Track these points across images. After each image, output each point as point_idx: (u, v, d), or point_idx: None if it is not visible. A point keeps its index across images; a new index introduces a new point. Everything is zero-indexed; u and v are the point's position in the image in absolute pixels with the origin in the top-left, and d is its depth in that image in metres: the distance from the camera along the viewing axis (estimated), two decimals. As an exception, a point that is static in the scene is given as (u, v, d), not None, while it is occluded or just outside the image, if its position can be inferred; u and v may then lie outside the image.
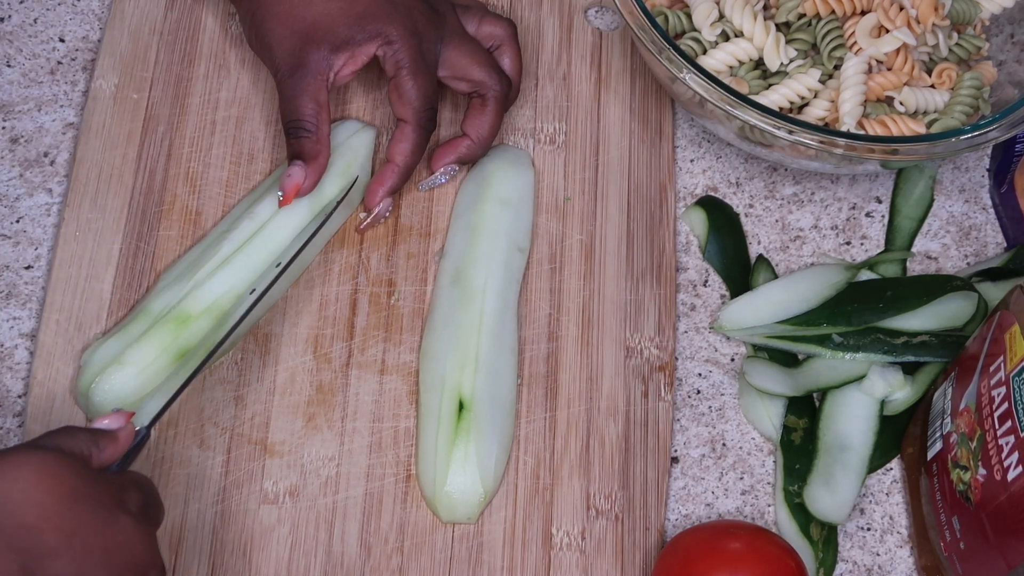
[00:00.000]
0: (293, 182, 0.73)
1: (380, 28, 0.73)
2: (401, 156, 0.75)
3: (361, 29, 0.73)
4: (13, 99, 0.82)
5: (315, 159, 0.73)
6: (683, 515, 0.74)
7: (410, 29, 0.74)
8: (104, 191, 0.78)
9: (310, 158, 0.73)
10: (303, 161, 0.73)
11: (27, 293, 0.77)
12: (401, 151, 0.75)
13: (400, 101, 0.74)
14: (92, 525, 0.54)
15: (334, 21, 0.73)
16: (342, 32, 0.73)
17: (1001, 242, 0.83)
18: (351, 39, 0.73)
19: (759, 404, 0.75)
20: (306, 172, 0.73)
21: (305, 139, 0.73)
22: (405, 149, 0.75)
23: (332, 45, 0.73)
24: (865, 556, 0.73)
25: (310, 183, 0.73)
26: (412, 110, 0.74)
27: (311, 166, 0.73)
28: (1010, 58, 0.81)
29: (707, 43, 0.78)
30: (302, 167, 0.73)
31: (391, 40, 0.73)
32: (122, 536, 0.55)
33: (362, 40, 0.73)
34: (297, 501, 0.71)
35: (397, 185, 0.76)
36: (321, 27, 0.73)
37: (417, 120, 0.75)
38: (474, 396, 0.72)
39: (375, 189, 0.76)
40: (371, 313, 0.76)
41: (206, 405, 0.73)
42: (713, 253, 0.80)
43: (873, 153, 0.72)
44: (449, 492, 0.70)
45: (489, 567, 0.70)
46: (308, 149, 0.73)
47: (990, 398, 0.64)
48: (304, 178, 0.73)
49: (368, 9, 0.73)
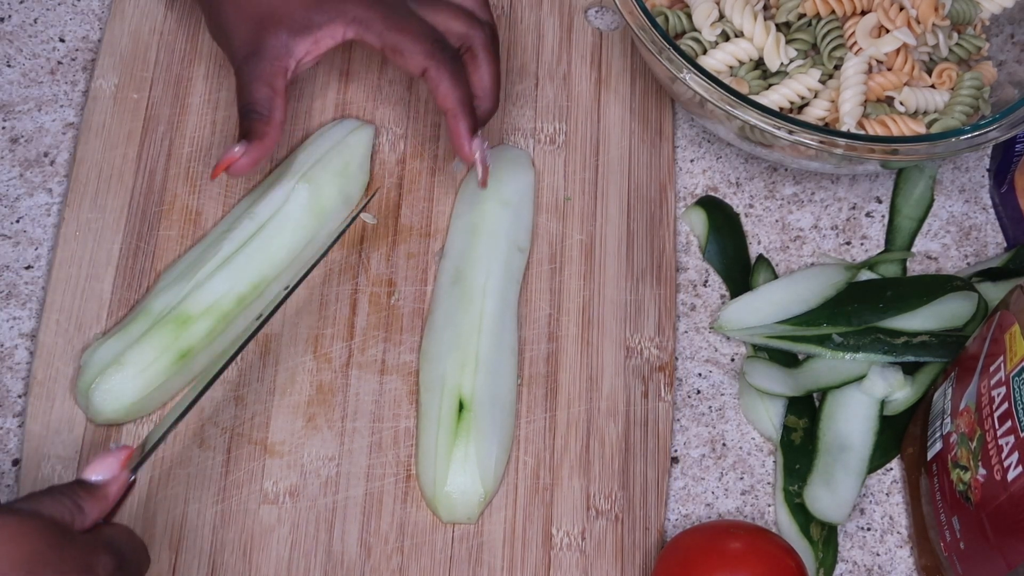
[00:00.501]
0: (229, 156, 0.70)
1: (339, 7, 0.71)
2: (450, 98, 0.72)
3: (319, 10, 0.71)
4: (13, 99, 0.82)
5: (260, 139, 0.71)
6: (683, 515, 0.74)
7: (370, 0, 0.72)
8: (104, 191, 0.79)
9: (256, 137, 0.70)
10: (248, 140, 0.70)
11: (27, 293, 0.77)
12: (446, 93, 0.72)
13: (404, 57, 0.72)
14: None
15: (290, 5, 0.71)
16: (299, 16, 0.71)
17: (1001, 242, 0.83)
18: (310, 22, 0.71)
19: (759, 404, 0.75)
20: (246, 150, 0.70)
21: (255, 120, 0.71)
22: (446, 89, 0.72)
23: (290, 30, 0.71)
24: (865, 556, 0.73)
25: (247, 161, 0.70)
26: (422, 53, 0.71)
27: (255, 144, 0.70)
28: (1010, 58, 0.81)
29: (707, 43, 0.78)
30: (243, 145, 0.70)
31: (356, 18, 0.71)
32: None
33: (322, 22, 0.71)
34: (297, 501, 0.71)
35: (471, 123, 0.73)
36: (278, 12, 0.71)
37: (435, 57, 0.71)
38: (474, 396, 0.72)
39: (460, 144, 0.73)
40: (371, 313, 0.76)
41: (206, 405, 0.73)
42: (713, 253, 0.80)
43: (873, 153, 0.72)
44: (449, 492, 0.70)
45: (489, 567, 0.70)
46: (256, 129, 0.70)
47: (990, 398, 0.64)
48: (242, 155, 0.70)
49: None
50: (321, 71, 0.83)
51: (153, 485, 0.71)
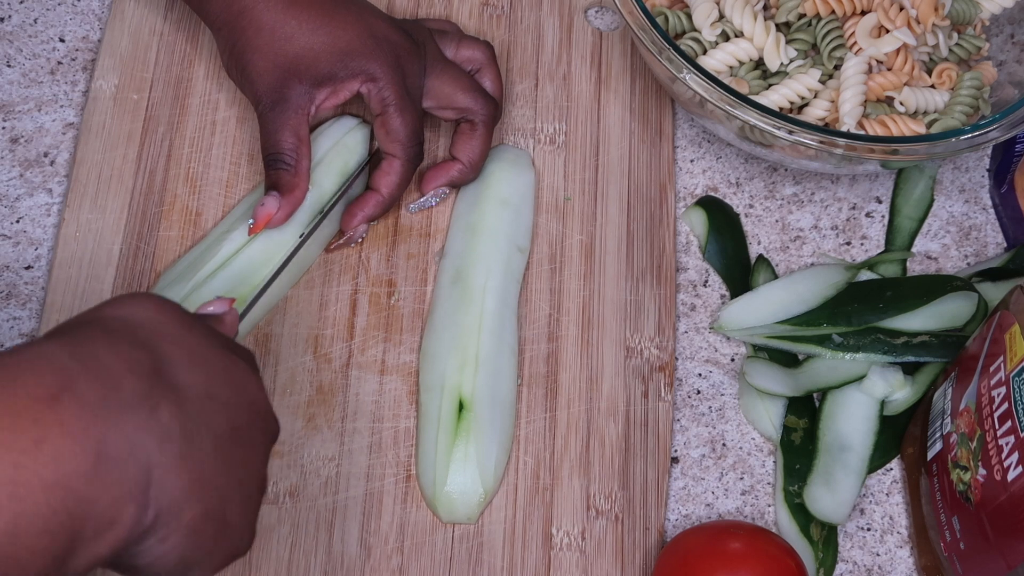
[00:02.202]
0: (266, 211, 0.72)
1: (363, 65, 0.73)
2: (387, 188, 0.75)
3: (344, 66, 0.73)
4: (13, 99, 0.82)
5: (291, 192, 0.73)
6: (683, 515, 0.74)
7: (393, 65, 0.73)
8: (104, 191, 0.79)
9: (287, 190, 0.73)
10: (279, 192, 0.73)
11: (27, 293, 0.77)
12: (387, 183, 0.75)
13: (388, 138, 0.74)
14: (212, 351, 0.53)
15: (316, 56, 0.72)
16: (324, 68, 0.72)
17: (1001, 242, 0.83)
18: (333, 75, 0.73)
19: (759, 404, 0.75)
20: (280, 203, 0.72)
21: (283, 171, 0.73)
22: (392, 182, 0.75)
23: (313, 80, 0.73)
24: (865, 556, 0.73)
25: (283, 215, 0.73)
26: (400, 146, 0.74)
27: (287, 198, 0.73)
28: (1010, 58, 0.81)
29: (707, 43, 0.78)
30: (277, 198, 0.72)
31: (375, 77, 0.73)
32: (239, 373, 0.54)
33: (344, 77, 0.73)
34: (297, 501, 0.71)
35: (377, 214, 0.76)
36: (303, 62, 0.72)
37: (406, 155, 0.75)
38: (474, 396, 0.72)
39: (354, 212, 0.76)
40: (371, 313, 0.76)
41: (206, 405, 0.73)
42: (713, 253, 0.80)
43: (873, 153, 0.72)
44: (449, 492, 0.70)
45: (489, 567, 0.70)
46: (286, 181, 0.73)
47: (990, 398, 0.64)
48: (277, 209, 0.72)
49: (351, 45, 0.73)
50: (321, 71, 0.83)
51: (153, 485, 0.71)
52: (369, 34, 0.73)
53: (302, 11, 0.73)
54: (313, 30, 0.73)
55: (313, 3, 0.73)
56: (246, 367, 0.55)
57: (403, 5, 0.86)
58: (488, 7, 0.86)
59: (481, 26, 0.85)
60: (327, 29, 0.73)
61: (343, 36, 0.73)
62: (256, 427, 0.54)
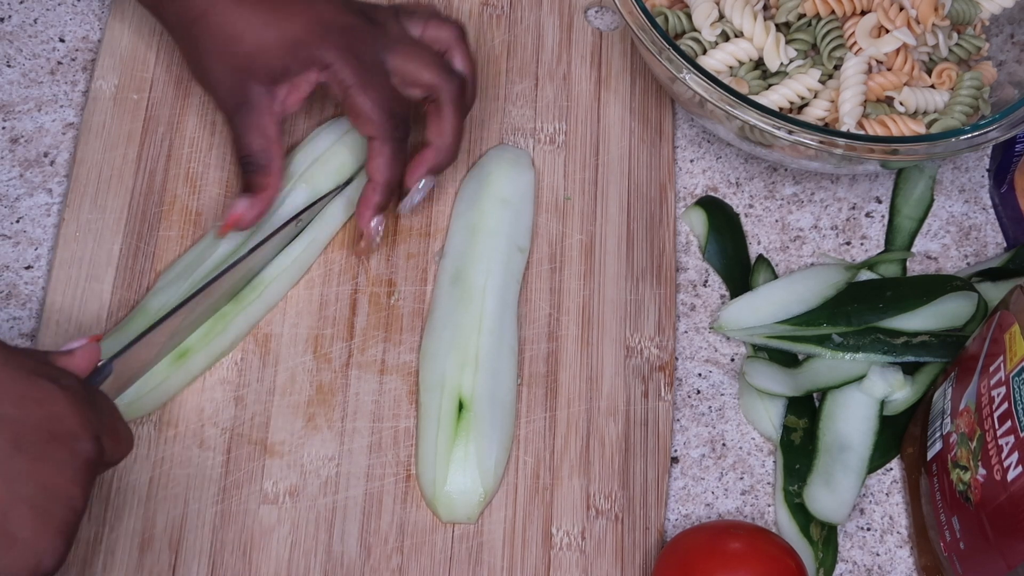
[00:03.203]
0: (234, 212, 0.72)
1: (313, 53, 0.71)
2: (379, 172, 0.74)
3: (295, 58, 0.71)
4: (13, 99, 0.82)
5: (263, 191, 0.72)
6: (683, 515, 0.74)
7: (345, 48, 0.72)
8: (104, 191, 0.78)
9: (258, 190, 0.72)
10: (251, 193, 0.72)
11: (27, 293, 0.77)
12: (378, 167, 0.74)
13: (359, 120, 0.73)
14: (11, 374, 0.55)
15: (268, 53, 0.72)
16: (277, 64, 0.72)
17: (1001, 242, 0.83)
18: (287, 69, 0.72)
19: (759, 404, 0.75)
20: (250, 204, 0.72)
21: (255, 173, 0.72)
22: (381, 164, 0.73)
23: (269, 78, 0.72)
24: (865, 556, 0.73)
25: (252, 215, 0.72)
26: (374, 124, 0.73)
27: (256, 198, 0.72)
28: (1010, 58, 0.81)
29: (707, 43, 0.78)
30: (247, 199, 0.72)
31: (328, 63, 0.71)
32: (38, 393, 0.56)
33: (298, 69, 0.72)
34: (297, 501, 0.71)
35: (383, 202, 0.75)
36: (256, 61, 0.72)
37: (384, 133, 0.73)
38: (474, 396, 0.72)
39: (362, 212, 0.74)
40: (371, 313, 0.76)
41: (206, 405, 0.73)
42: (713, 253, 0.80)
43: (873, 153, 0.72)
44: (449, 492, 0.70)
45: (489, 567, 0.70)
46: (256, 182, 0.72)
47: (990, 398, 0.64)
48: (247, 209, 0.72)
49: (299, 36, 0.72)
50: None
51: (153, 485, 0.71)
52: (317, 21, 0.72)
53: (249, 9, 0.72)
54: (263, 26, 0.72)
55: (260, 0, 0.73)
56: (55, 390, 0.57)
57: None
58: (488, 7, 0.86)
59: (481, 26, 0.85)
60: (275, 24, 0.72)
61: (290, 28, 0.72)
62: (55, 445, 0.55)
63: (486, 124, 0.82)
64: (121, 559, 0.69)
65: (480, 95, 0.83)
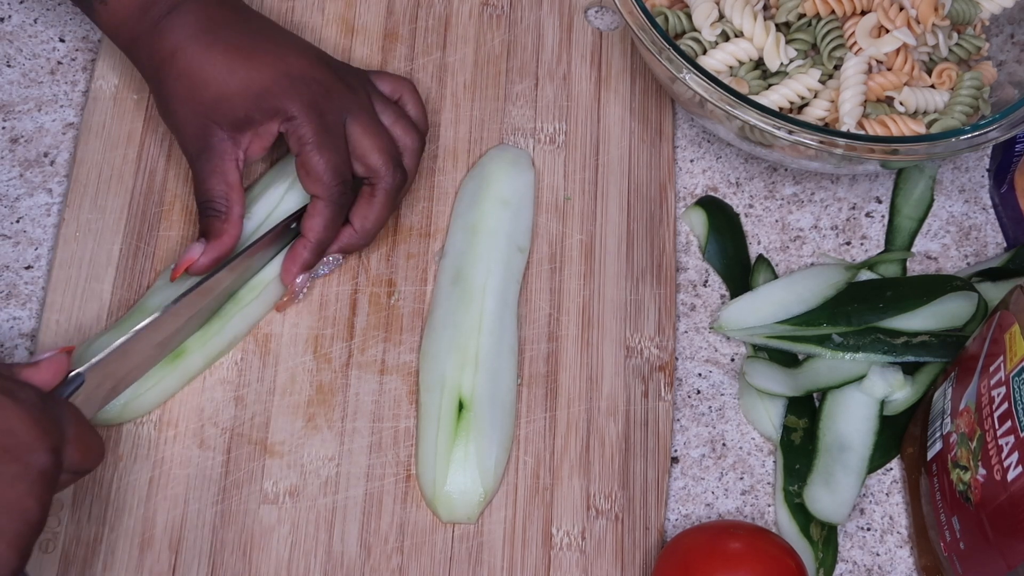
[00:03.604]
0: (187, 257, 0.71)
1: (278, 105, 0.71)
2: (314, 232, 0.73)
3: (259, 108, 0.71)
4: (13, 99, 0.82)
5: (219, 238, 0.72)
6: (683, 515, 0.74)
7: (309, 104, 0.71)
8: (104, 191, 0.79)
9: (214, 236, 0.72)
10: (207, 239, 0.72)
11: (27, 293, 0.77)
12: (314, 227, 0.73)
13: (308, 177, 0.72)
14: None
15: (232, 101, 0.71)
16: (241, 112, 0.71)
17: (1001, 242, 0.83)
18: (251, 118, 0.71)
19: (759, 404, 0.75)
20: (205, 249, 0.71)
21: (214, 218, 0.72)
22: (318, 225, 0.73)
23: (233, 125, 0.72)
24: (865, 556, 0.73)
25: (206, 260, 0.71)
26: (323, 186, 0.72)
27: (213, 244, 0.71)
28: (1010, 58, 0.81)
29: (707, 43, 0.78)
30: (202, 244, 0.72)
31: (290, 116, 0.71)
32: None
33: (262, 119, 0.71)
34: (297, 501, 0.71)
35: (311, 260, 0.74)
36: (221, 108, 0.71)
37: (329, 195, 0.72)
38: (474, 396, 0.72)
39: (288, 267, 0.74)
40: (371, 313, 0.76)
41: (206, 405, 0.73)
42: (713, 253, 0.80)
43: (873, 153, 0.72)
44: (449, 492, 0.70)
45: (489, 567, 0.70)
46: (214, 228, 0.72)
47: (990, 398, 0.64)
48: (201, 255, 0.71)
49: (265, 86, 0.71)
50: (321, 71, 0.83)
51: (153, 485, 0.71)
52: (285, 73, 0.72)
53: (218, 55, 0.72)
54: (230, 73, 0.71)
55: (230, 46, 0.72)
56: (9, 404, 0.57)
57: (403, 6, 0.86)
58: (488, 7, 0.86)
59: (481, 26, 0.85)
60: (243, 72, 0.72)
61: (258, 78, 0.71)
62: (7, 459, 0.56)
63: (486, 124, 0.82)
64: (121, 559, 0.69)
65: (480, 95, 0.83)
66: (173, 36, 0.72)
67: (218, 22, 0.73)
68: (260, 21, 0.76)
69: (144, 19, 0.73)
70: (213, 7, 0.74)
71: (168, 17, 0.73)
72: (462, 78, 0.84)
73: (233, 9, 0.75)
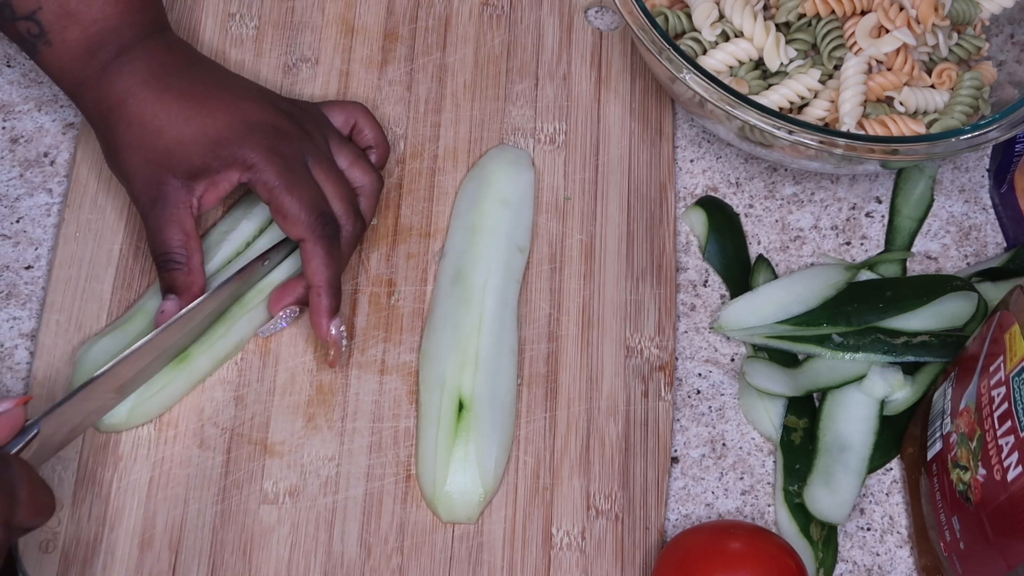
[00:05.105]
0: (167, 317, 0.69)
1: (235, 153, 0.69)
2: (318, 275, 0.70)
3: (216, 156, 0.69)
4: (13, 99, 0.82)
5: (188, 291, 0.70)
6: (683, 515, 0.74)
7: (269, 149, 0.70)
8: (104, 191, 0.78)
9: (183, 290, 0.70)
10: (176, 295, 0.70)
11: (27, 293, 0.77)
12: (315, 271, 0.70)
13: (287, 221, 0.70)
14: None
15: (187, 149, 0.69)
16: (197, 160, 0.69)
17: (1001, 242, 0.83)
18: (208, 167, 0.69)
19: (759, 404, 0.75)
20: (177, 305, 0.69)
21: (176, 271, 0.70)
22: (318, 266, 0.70)
23: (188, 174, 0.69)
24: (865, 556, 0.73)
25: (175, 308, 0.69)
26: (303, 225, 0.69)
27: (183, 297, 0.70)
28: (1010, 58, 0.81)
29: (707, 43, 0.78)
30: (175, 302, 0.70)
31: (251, 165, 0.69)
32: None
33: (219, 167, 0.69)
34: (297, 501, 0.71)
35: (333, 304, 0.71)
36: (175, 156, 0.69)
37: (314, 233, 0.70)
38: (474, 396, 0.72)
39: (318, 322, 0.71)
40: (371, 313, 0.76)
41: (206, 405, 0.73)
42: (713, 253, 0.80)
43: (873, 153, 0.72)
44: (449, 492, 0.70)
45: (489, 567, 0.70)
46: (180, 282, 0.70)
47: (990, 398, 0.64)
48: (177, 310, 0.69)
49: (221, 134, 0.69)
50: (321, 71, 0.83)
51: (153, 485, 0.71)
52: (241, 120, 0.70)
53: (172, 102, 0.70)
54: (185, 121, 0.69)
55: (184, 93, 0.70)
56: None
57: (403, 6, 0.86)
58: (488, 7, 0.86)
59: (481, 26, 0.85)
60: (198, 120, 0.69)
61: (213, 125, 0.69)
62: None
63: (486, 124, 0.82)
64: (121, 559, 0.69)
65: (480, 95, 0.83)
66: (122, 82, 0.70)
67: (169, 68, 0.71)
68: (211, 67, 0.74)
69: (91, 63, 0.71)
70: (163, 53, 0.72)
71: (116, 61, 0.71)
72: (462, 78, 0.84)
73: (184, 54, 0.74)
